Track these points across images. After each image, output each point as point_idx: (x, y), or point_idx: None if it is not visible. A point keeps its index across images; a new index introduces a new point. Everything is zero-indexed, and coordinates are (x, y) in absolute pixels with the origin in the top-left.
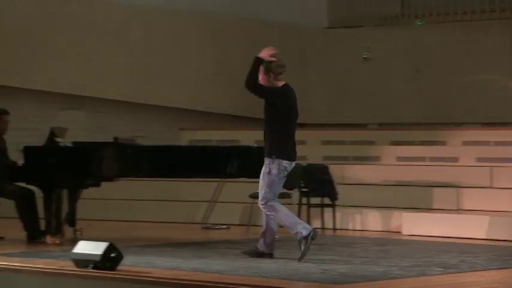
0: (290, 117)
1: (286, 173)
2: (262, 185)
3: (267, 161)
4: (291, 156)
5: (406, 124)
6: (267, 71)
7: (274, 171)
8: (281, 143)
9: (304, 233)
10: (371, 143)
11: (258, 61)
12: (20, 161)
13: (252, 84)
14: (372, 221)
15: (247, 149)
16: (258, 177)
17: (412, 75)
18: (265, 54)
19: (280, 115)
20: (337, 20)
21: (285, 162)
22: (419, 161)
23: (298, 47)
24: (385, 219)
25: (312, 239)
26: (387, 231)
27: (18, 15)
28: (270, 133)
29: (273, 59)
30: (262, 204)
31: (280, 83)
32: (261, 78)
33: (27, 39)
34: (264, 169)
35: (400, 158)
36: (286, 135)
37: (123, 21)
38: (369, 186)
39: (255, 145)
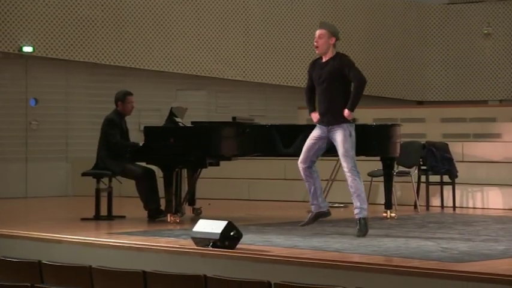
0: None
1: None
2: (348, 148)
3: (344, 125)
4: None
5: None
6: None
7: (353, 133)
8: None
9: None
10: (492, 119)
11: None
12: (141, 141)
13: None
14: (493, 199)
15: (365, 128)
16: (377, 155)
17: None
18: None
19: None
20: None
21: None
22: None
23: (419, 23)
24: (506, 196)
25: None
26: (509, 209)
27: None
28: (343, 99)
29: None
30: (354, 169)
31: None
32: (328, 42)
33: (147, 21)
34: (344, 133)
35: None
36: None
37: (242, 0)
38: (490, 163)
39: (374, 123)
